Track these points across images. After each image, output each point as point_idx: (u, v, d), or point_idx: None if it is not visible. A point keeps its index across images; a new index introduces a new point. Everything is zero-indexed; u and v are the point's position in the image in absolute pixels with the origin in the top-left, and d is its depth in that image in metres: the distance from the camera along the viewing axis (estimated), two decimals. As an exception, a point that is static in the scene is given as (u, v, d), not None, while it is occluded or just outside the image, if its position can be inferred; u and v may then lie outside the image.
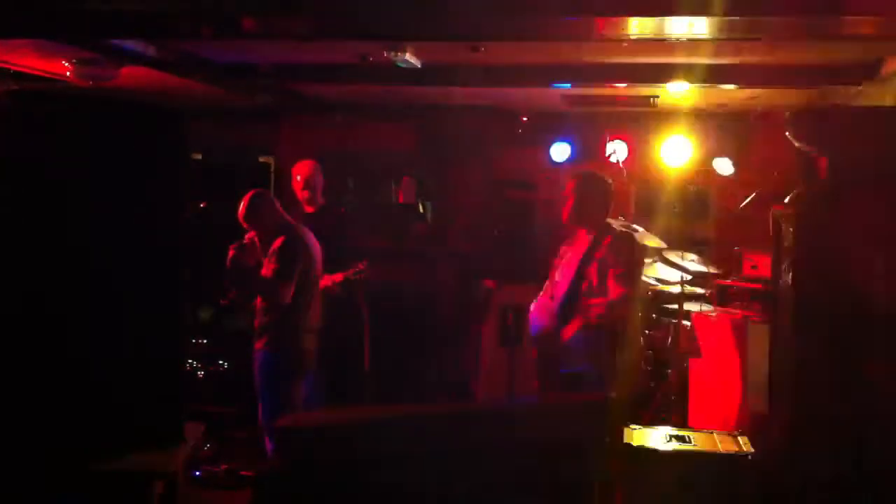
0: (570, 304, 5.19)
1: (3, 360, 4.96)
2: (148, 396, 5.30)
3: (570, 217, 5.32)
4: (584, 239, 5.31)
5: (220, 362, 7.28)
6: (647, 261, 6.87)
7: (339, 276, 6.10)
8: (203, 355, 7.25)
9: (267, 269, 5.44)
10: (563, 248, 5.46)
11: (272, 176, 8.79)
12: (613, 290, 5.07)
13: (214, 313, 7.43)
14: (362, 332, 6.46)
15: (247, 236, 5.58)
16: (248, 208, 5.51)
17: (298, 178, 6.44)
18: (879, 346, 4.70)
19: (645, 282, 6.82)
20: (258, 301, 5.58)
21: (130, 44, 5.28)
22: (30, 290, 5.08)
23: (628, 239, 5.36)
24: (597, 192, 5.32)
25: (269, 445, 5.45)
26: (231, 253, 5.50)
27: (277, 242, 5.43)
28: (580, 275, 5.18)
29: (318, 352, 5.69)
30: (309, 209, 6.46)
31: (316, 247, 5.65)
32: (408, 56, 5.08)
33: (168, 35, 5.11)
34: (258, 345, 5.53)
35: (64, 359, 5.13)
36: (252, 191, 5.60)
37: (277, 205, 5.64)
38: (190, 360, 7.09)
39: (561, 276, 5.35)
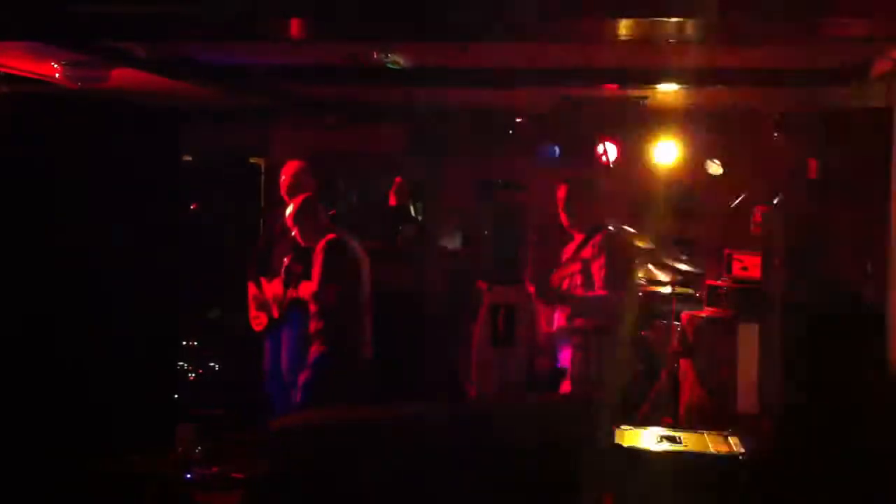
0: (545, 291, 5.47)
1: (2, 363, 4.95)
2: (141, 399, 5.30)
3: (566, 220, 5.54)
4: (575, 238, 5.52)
5: (212, 364, 7.27)
6: (636, 261, 6.89)
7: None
8: (194, 357, 7.24)
9: (312, 272, 5.58)
10: (564, 249, 5.63)
11: (262, 177, 8.78)
12: (600, 289, 5.22)
13: (222, 314, 7.46)
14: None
15: (283, 258, 5.80)
16: (298, 210, 5.68)
17: (283, 178, 6.43)
18: (867, 344, 4.72)
19: (636, 282, 6.84)
20: (311, 306, 5.67)
21: (121, 45, 5.28)
22: (22, 292, 5.08)
23: (616, 238, 5.47)
24: (584, 194, 5.54)
25: None
26: (286, 261, 5.81)
27: (321, 244, 5.54)
28: (565, 270, 5.41)
29: (372, 360, 5.82)
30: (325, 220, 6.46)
31: (362, 255, 5.78)
32: (396, 57, 5.09)
33: (158, 37, 5.10)
34: (313, 348, 5.64)
35: (58, 361, 5.14)
36: (302, 195, 5.81)
37: (322, 212, 5.80)
38: (181, 363, 7.08)
39: (557, 273, 5.56)
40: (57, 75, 5.65)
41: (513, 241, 8.13)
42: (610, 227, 5.68)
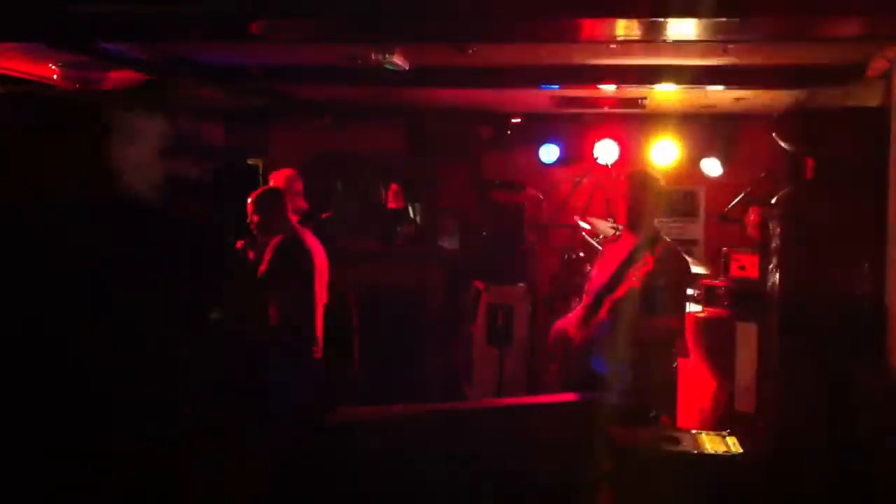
0: (600, 301, 4.99)
1: (5, 364, 4.95)
2: (145, 400, 5.29)
3: (628, 221, 5.07)
4: (628, 240, 5.07)
5: (217, 366, 7.26)
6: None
7: None
8: (198, 358, 7.22)
9: (262, 267, 5.49)
10: (605, 246, 5.36)
11: (260, 178, 8.77)
12: (659, 309, 4.85)
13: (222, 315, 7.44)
14: (352, 333, 6.47)
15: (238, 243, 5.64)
16: (259, 197, 5.60)
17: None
18: (865, 344, 4.72)
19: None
20: (263, 305, 5.61)
21: (118, 47, 5.28)
22: (25, 296, 5.07)
23: (679, 257, 5.10)
24: (650, 193, 5.06)
25: None
26: (238, 244, 5.67)
27: (275, 241, 5.46)
28: (618, 276, 4.95)
29: (325, 360, 5.74)
30: (292, 217, 6.45)
31: (318, 253, 5.66)
32: (395, 58, 5.09)
33: (155, 38, 5.11)
34: (264, 346, 5.58)
35: (61, 363, 5.13)
36: (265, 188, 5.76)
37: (288, 207, 5.69)
38: (185, 364, 7.06)
39: (598, 273, 5.20)
40: (55, 76, 5.66)
41: (511, 242, 8.13)
42: (667, 238, 5.23)
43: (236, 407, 6.32)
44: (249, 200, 5.62)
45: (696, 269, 7.20)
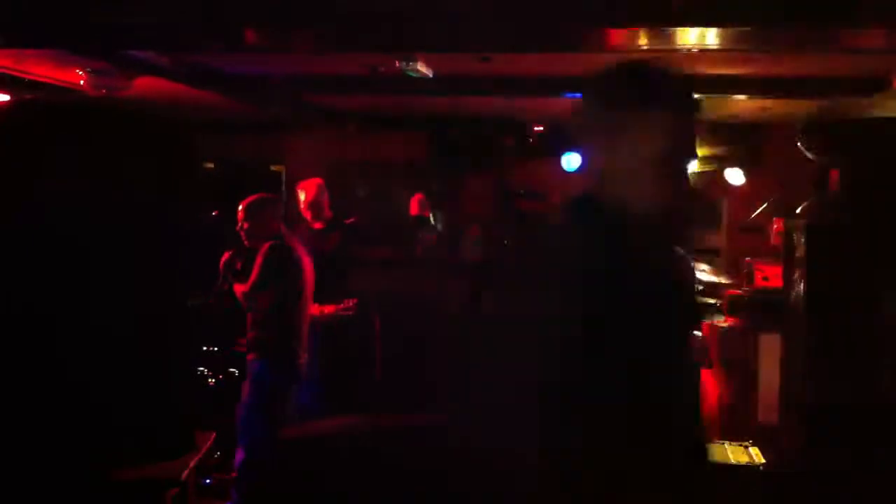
0: None
1: (14, 368, 4.98)
2: (159, 407, 5.29)
3: None
4: None
5: (231, 370, 7.29)
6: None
7: (329, 308, 6.10)
8: (213, 363, 7.25)
9: (251, 274, 5.39)
10: None
11: (283, 185, 8.82)
12: None
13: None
14: (374, 341, 6.47)
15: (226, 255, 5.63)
16: (251, 204, 5.46)
17: (301, 198, 6.44)
18: (891, 357, 4.68)
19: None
20: (249, 315, 5.51)
21: (144, 54, 5.32)
22: (37, 298, 5.12)
23: (688, 263, 5.11)
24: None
25: (239, 455, 5.31)
26: (226, 255, 5.53)
27: (264, 248, 5.37)
28: None
29: (309, 365, 5.63)
30: (317, 226, 6.46)
31: (307, 263, 5.56)
32: (419, 66, 5.09)
33: (180, 47, 5.14)
34: (250, 356, 5.48)
35: (74, 368, 5.16)
36: (266, 195, 5.58)
37: (279, 215, 5.58)
38: (200, 368, 7.10)
39: None
40: (81, 82, 5.71)
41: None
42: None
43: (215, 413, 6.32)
44: (241, 207, 5.49)
45: (717, 279, 7.17)
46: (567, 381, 1.97)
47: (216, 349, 7.26)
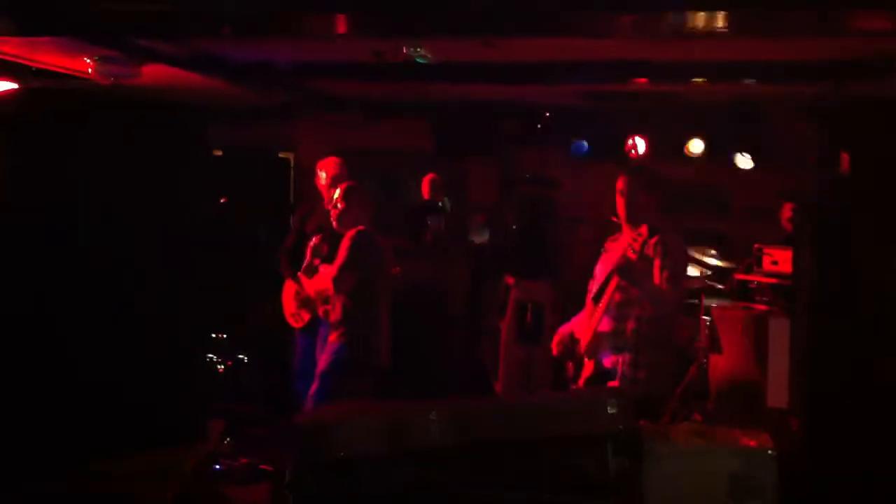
0: (600, 298, 5.06)
1: (22, 359, 5.00)
2: (170, 394, 5.33)
3: (626, 217, 5.12)
4: (627, 235, 5.09)
5: (241, 357, 7.31)
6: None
7: None
8: (223, 350, 7.27)
9: (336, 258, 5.63)
10: (607, 244, 5.37)
11: (292, 172, 8.82)
12: (659, 290, 4.93)
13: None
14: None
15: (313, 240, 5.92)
16: (350, 188, 5.81)
17: (323, 176, 6.46)
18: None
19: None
20: (330, 311, 5.76)
21: (151, 42, 5.31)
22: (47, 288, 5.12)
23: (676, 240, 5.18)
24: (647, 188, 5.18)
25: None
26: (315, 240, 5.97)
27: (352, 232, 5.62)
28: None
29: (389, 352, 5.83)
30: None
31: (388, 251, 5.85)
32: (425, 52, 5.08)
33: (187, 34, 5.13)
34: (332, 337, 5.69)
35: (86, 358, 5.18)
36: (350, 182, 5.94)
37: (370, 206, 5.89)
38: (210, 355, 7.12)
39: (599, 271, 5.24)
40: (89, 70, 5.70)
41: (541, 237, 8.10)
42: (671, 232, 5.25)
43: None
44: (339, 190, 5.78)
45: (724, 263, 7.16)
46: None
47: (224, 336, 7.29)
